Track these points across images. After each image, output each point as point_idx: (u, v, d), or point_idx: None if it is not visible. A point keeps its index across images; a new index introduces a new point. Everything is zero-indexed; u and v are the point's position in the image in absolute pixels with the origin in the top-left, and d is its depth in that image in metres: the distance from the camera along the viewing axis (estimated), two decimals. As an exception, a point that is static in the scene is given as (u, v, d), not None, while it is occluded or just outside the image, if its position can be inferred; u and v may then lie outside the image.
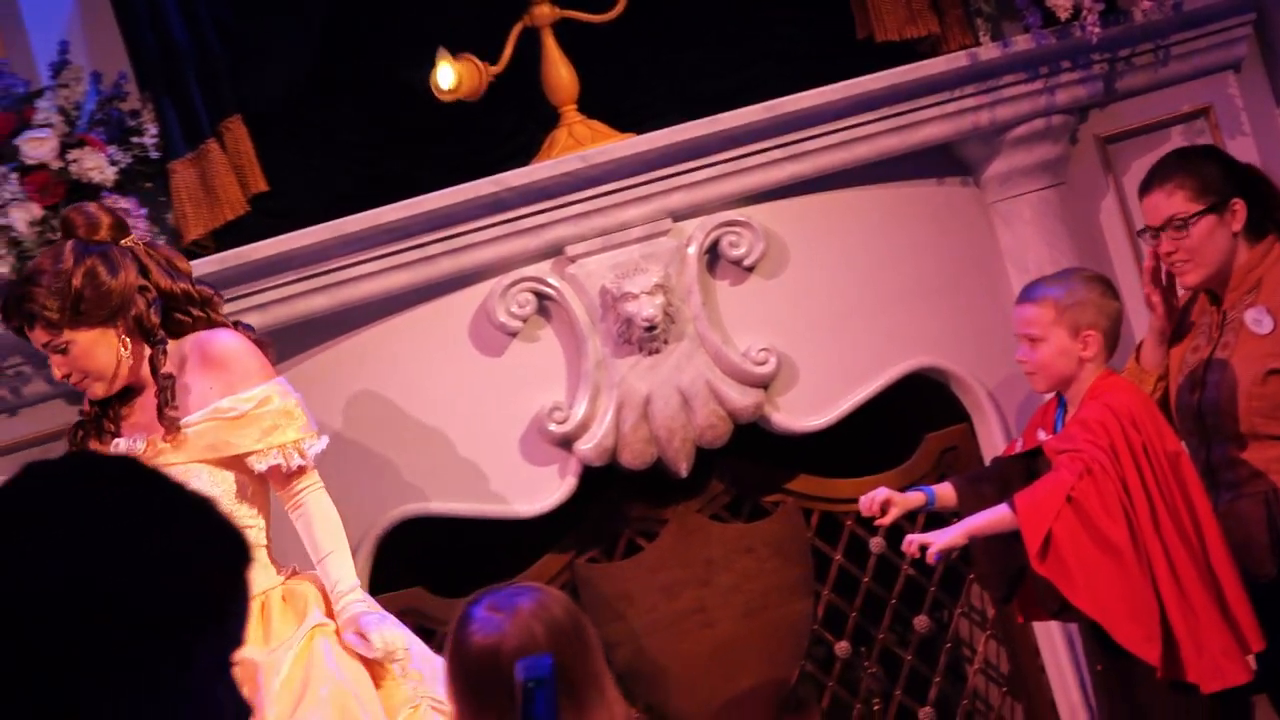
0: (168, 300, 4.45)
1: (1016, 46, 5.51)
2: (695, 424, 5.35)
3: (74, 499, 1.76)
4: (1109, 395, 4.46)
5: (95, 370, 4.41)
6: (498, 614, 3.18)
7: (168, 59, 5.22)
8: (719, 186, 5.41)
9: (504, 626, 3.15)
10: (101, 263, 4.37)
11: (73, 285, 4.32)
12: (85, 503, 1.76)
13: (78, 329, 4.36)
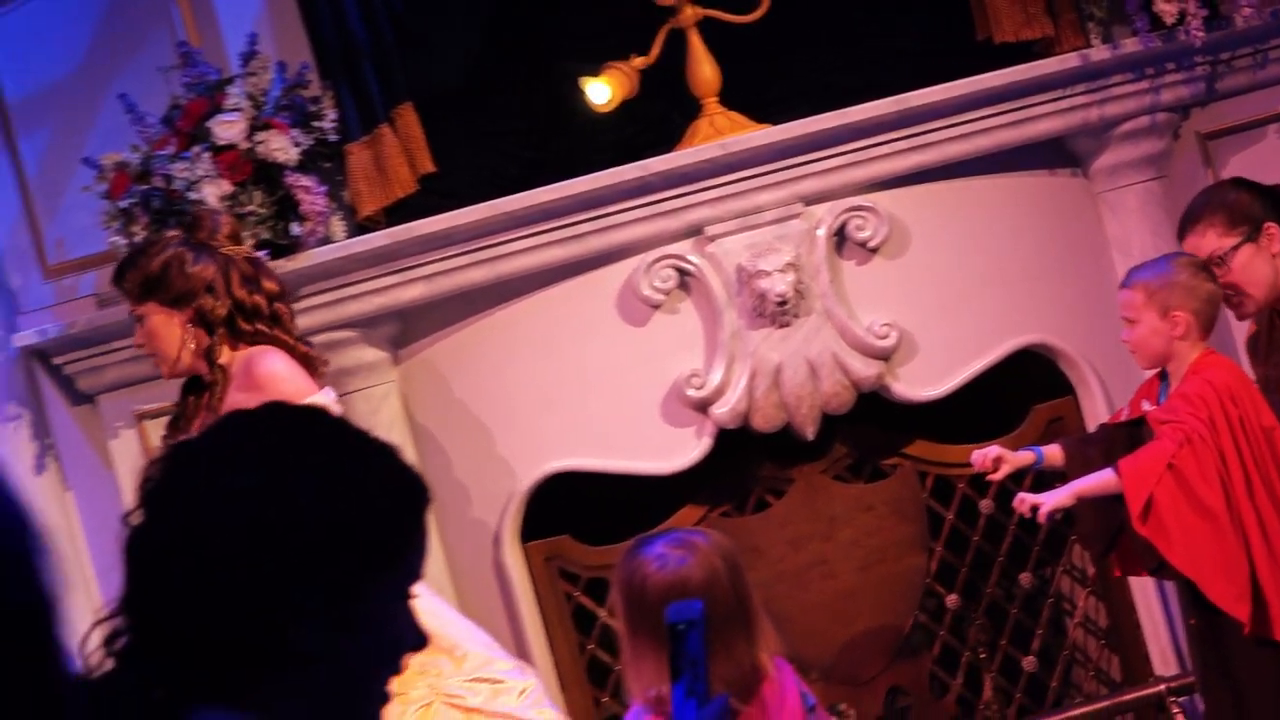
0: (237, 307, 4.53)
1: (1125, 49, 5.49)
2: (822, 392, 5.37)
3: (292, 438, 1.85)
4: (1209, 371, 4.50)
5: (159, 348, 4.57)
6: (679, 550, 3.33)
7: (346, 50, 5.29)
8: (847, 174, 5.42)
9: (687, 560, 3.30)
10: (187, 255, 4.55)
11: (152, 266, 4.53)
12: (301, 441, 1.84)
13: (147, 304, 4.54)
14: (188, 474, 1.81)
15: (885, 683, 5.69)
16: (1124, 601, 5.64)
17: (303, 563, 1.75)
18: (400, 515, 1.82)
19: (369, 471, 1.82)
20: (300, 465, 1.79)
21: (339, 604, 1.77)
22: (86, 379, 5.39)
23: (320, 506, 1.77)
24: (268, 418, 1.89)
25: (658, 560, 3.37)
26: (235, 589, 1.74)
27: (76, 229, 5.41)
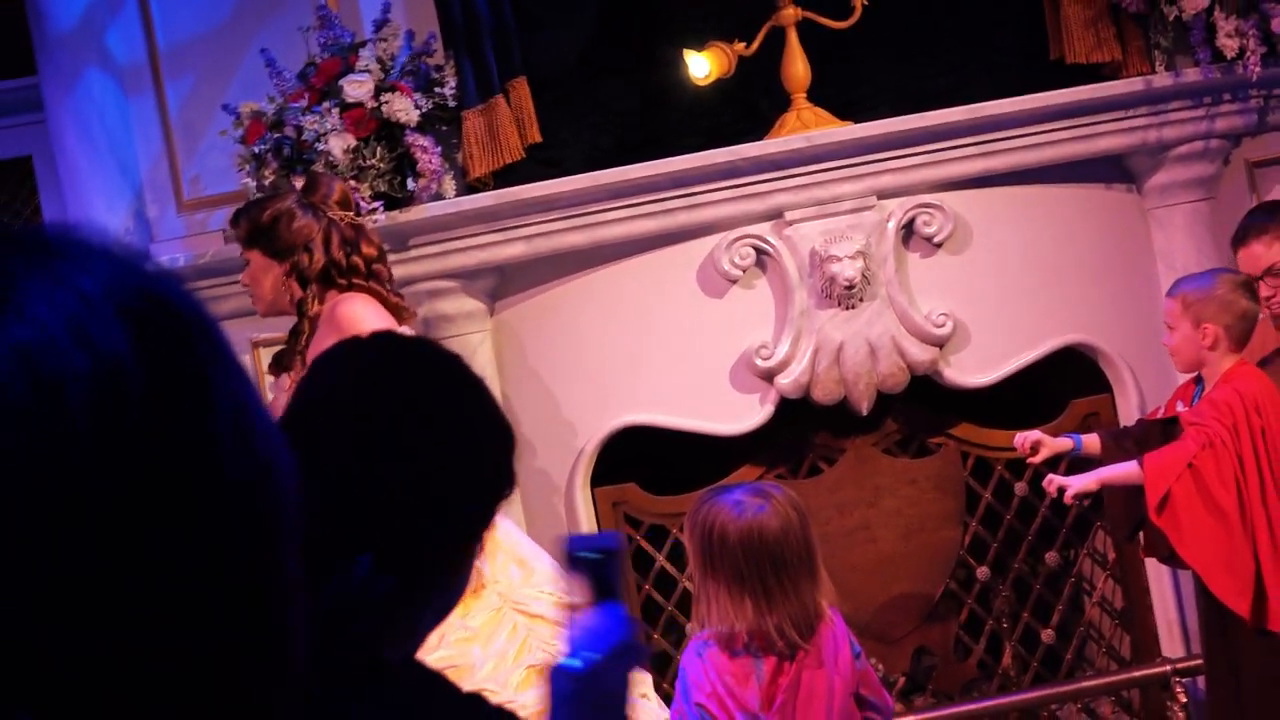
0: (332, 265, 4.59)
1: (1186, 77, 5.50)
2: (879, 371, 5.42)
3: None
4: (1240, 382, 4.57)
5: (256, 290, 4.69)
6: (757, 499, 3.44)
7: (469, 25, 5.36)
8: (920, 173, 5.45)
9: (765, 509, 3.42)
10: (296, 212, 4.62)
11: (262, 217, 4.63)
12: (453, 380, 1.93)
13: (253, 250, 4.66)
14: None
15: (913, 642, 5.74)
16: (1139, 586, 5.68)
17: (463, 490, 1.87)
18: (510, 453, 1.93)
19: (496, 411, 1.94)
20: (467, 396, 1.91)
21: (469, 528, 1.90)
22: (209, 306, 5.52)
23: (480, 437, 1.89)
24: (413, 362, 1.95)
25: (736, 507, 3.46)
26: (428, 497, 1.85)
27: (211, 169, 5.50)
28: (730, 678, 3.49)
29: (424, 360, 1.94)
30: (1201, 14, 5.44)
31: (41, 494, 0.83)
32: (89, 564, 0.84)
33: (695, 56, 5.43)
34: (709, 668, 3.50)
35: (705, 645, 3.52)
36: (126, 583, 0.85)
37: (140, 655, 0.86)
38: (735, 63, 5.46)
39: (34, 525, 0.83)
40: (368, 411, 1.86)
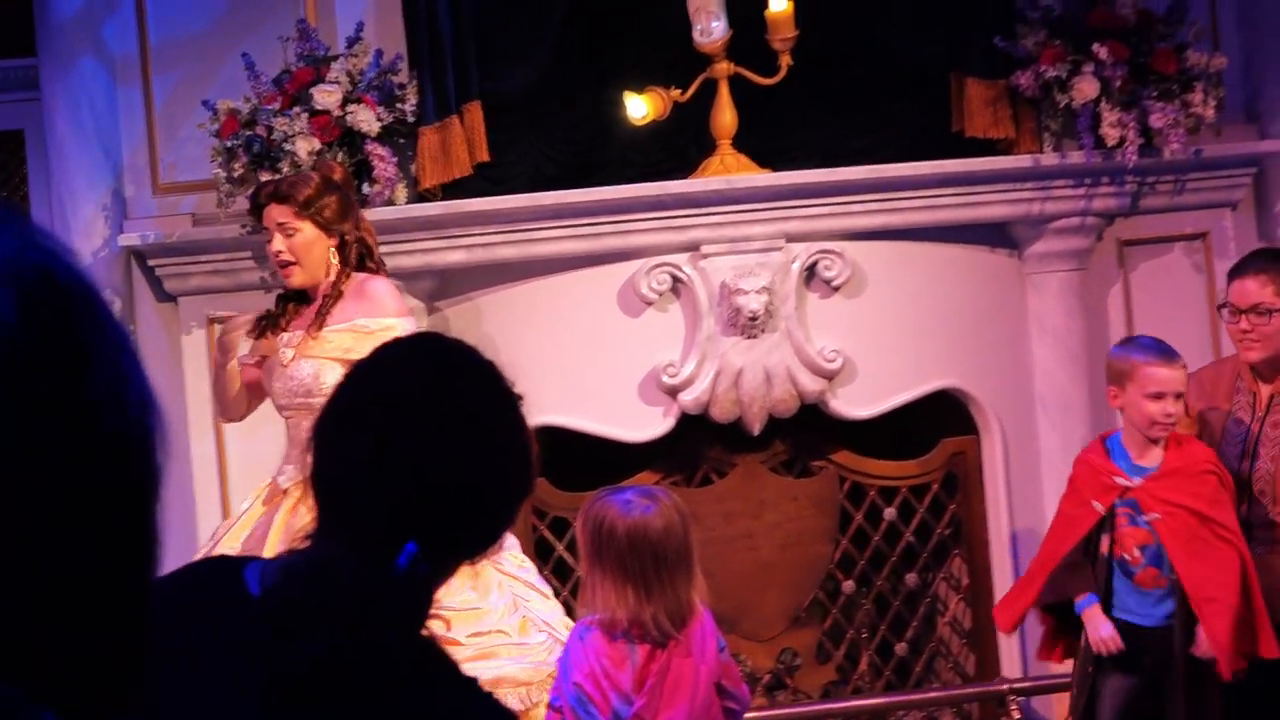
0: (365, 245, 4.64)
1: (1070, 159, 5.60)
2: (772, 396, 5.48)
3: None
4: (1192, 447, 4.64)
5: (304, 259, 4.55)
6: (645, 500, 3.53)
7: (434, 50, 5.41)
8: (826, 222, 5.51)
9: (651, 509, 3.51)
10: (342, 197, 4.64)
11: (330, 187, 4.60)
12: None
13: (306, 220, 4.55)
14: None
15: (781, 644, 5.81)
16: (987, 611, 5.67)
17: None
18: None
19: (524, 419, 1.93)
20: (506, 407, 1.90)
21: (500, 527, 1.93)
22: (172, 282, 5.51)
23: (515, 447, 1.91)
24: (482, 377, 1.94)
25: (626, 505, 3.54)
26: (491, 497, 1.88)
27: (187, 158, 5.53)
28: (607, 660, 3.57)
29: (482, 365, 1.91)
30: (1089, 103, 5.55)
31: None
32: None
33: (634, 99, 5.49)
34: (589, 650, 3.58)
35: (588, 630, 3.60)
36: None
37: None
38: (670, 107, 5.50)
39: None
40: (442, 411, 1.85)
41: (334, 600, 1.76)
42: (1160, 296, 5.96)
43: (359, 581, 1.78)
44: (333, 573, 1.79)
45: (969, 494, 5.85)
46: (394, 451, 1.82)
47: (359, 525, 1.82)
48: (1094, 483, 4.64)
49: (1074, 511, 4.68)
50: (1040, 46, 5.61)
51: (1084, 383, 5.79)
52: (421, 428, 1.83)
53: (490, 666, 4.21)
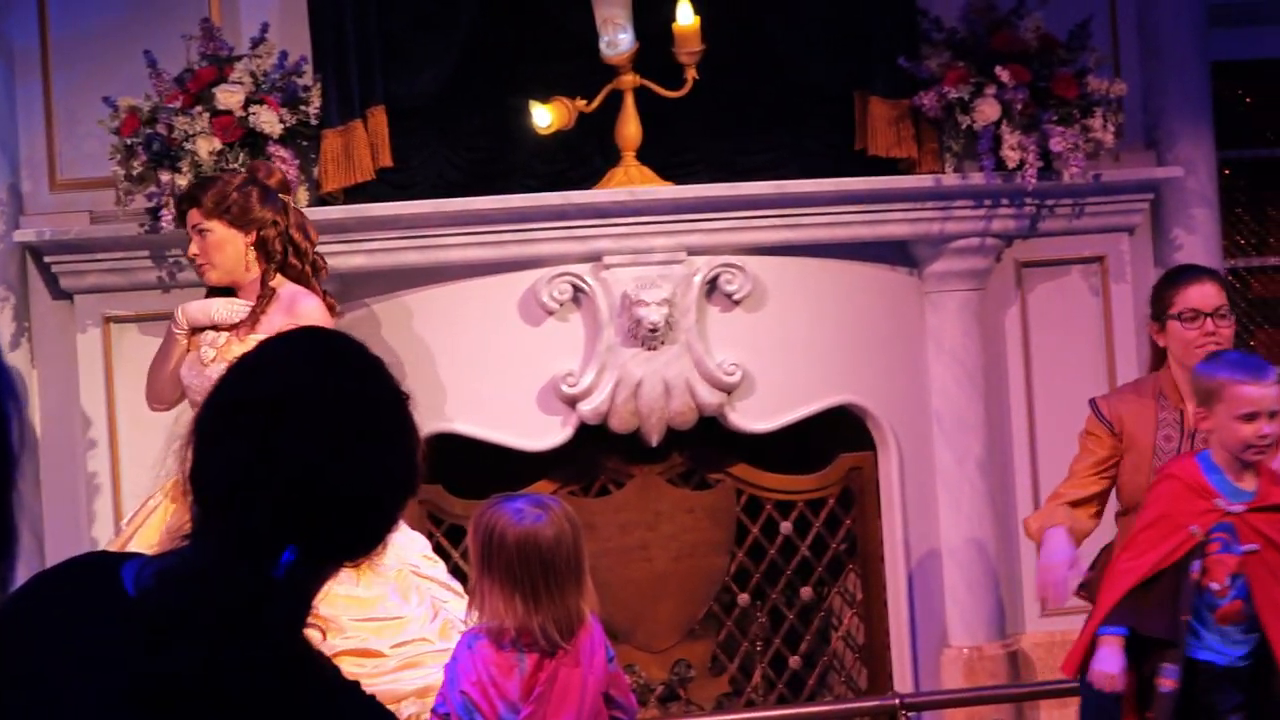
0: (292, 244, 4.62)
1: (971, 180, 5.58)
2: (671, 409, 5.43)
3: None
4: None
5: (218, 260, 4.59)
6: (536, 509, 3.44)
7: (339, 54, 5.34)
8: (728, 236, 5.46)
9: (542, 519, 3.43)
10: (259, 192, 4.62)
11: (229, 190, 4.61)
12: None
13: (214, 221, 4.57)
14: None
15: (675, 655, 5.76)
16: (881, 626, 5.76)
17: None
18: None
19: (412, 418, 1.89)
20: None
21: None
22: (68, 279, 5.41)
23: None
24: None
25: (517, 514, 3.46)
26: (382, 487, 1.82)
27: (86, 154, 5.43)
28: (495, 669, 3.49)
29: (368, 363, 1.87)
30: (991, 126, 5.54)
31: None
32: None
33: (540, 108, 5.43)
34: (477, 659, 3.49)
35: (476, 638, 3.52)
36: None
37: None
38: (575, 117, 5.46)
39: None
40: (327, 410, 1.78)
41: (208, 606, 1.69)
42: (1057, 318, 5.96)
43: (235, 587, 1.71)
44: (209, 577, 1.72)
45: (865, 509, 5.83)
46: (277, 452, 1.75)
47: (238, 527, 1.74)
48: (1190, 505, 4.14)
49: (1162, 532, 4.15)
50: (944, 68, 5.59)
51: (980, 401, 5.79)
52: (305, 427, 1.76)
53: (417, 676, 4.23)
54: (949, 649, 5.78)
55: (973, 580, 5.78)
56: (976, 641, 5.77)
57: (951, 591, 5.78)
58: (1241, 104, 6.51)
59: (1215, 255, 6.08)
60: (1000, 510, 5.86)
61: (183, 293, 5.34)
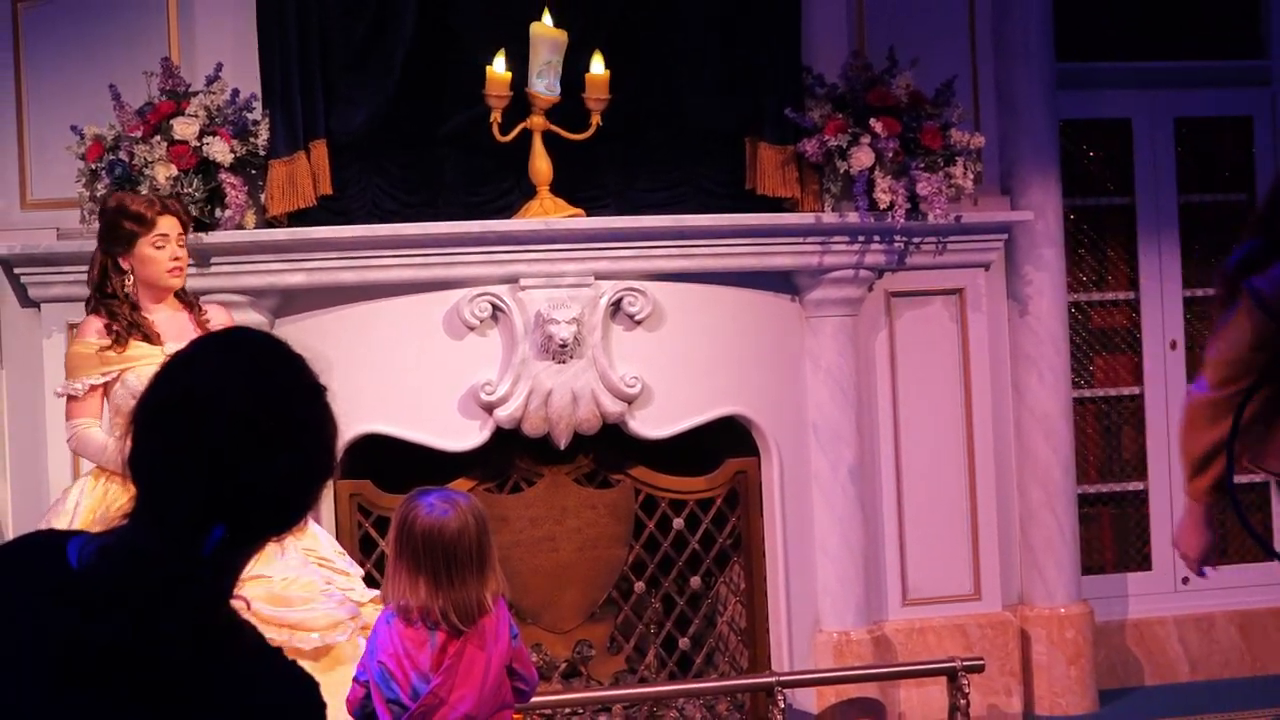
0: None
1: (847, 218, 5.63)
2: (578, 416, 5.47)
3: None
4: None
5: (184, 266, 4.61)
6: (445, 504, 3.48)
7: (285, 92, 5.35)
8: (631, 263, 5.51)
9: (449, 512, 3.47)
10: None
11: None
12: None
13: (185, 235, 4.61)
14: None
15: (577, 636, 5.76)
16: (761, 613, 5.79)
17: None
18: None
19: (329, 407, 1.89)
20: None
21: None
22: (36, 289, 5.37)
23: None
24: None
25: (428, 507, 3.50)
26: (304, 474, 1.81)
27: (54, 177, 5.41)
28: (409, 642, 3.53)
29: (291, 359, 1.86)
30: (865, 171, 5.61)
31: None
32: None
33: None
34: (393, 633, 3.54)
35: (392, 615, 3.56)
36: None
37: None
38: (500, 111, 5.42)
39: None
40: (253, 403, 1.76)
41: (141, 580, 1.69)
42: (921, 343, 6.02)
43: (165, 563, 1.71)
44: (143, 553, 1.72)
45: (749, 508, 5.85)
46: (203, 442, 1.74)
47: (171, 509, 1.74)
48: None
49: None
50: (825, 119, 5.66)
51: (852, 414, 5.85)
52: (233, 419, 1.75)
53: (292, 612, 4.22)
54: (821, 633, 5.83)
55: (842, 573, 5.84)
56: (845, 627, 5.82)
57: (824, 583, 5.84)
58: (1085, 158, 6.60)
59: (1060, 290, 6.19)
60: (868, 511, 5.93)
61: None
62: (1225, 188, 6.72)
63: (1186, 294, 6.61)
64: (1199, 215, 6.65)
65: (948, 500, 6.02)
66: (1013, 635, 6.08)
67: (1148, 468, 6.58)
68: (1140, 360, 6.58)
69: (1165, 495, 6.57)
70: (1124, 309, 6.60)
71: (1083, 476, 6.47)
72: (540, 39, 5.43)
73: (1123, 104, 6.55)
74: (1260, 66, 6.67)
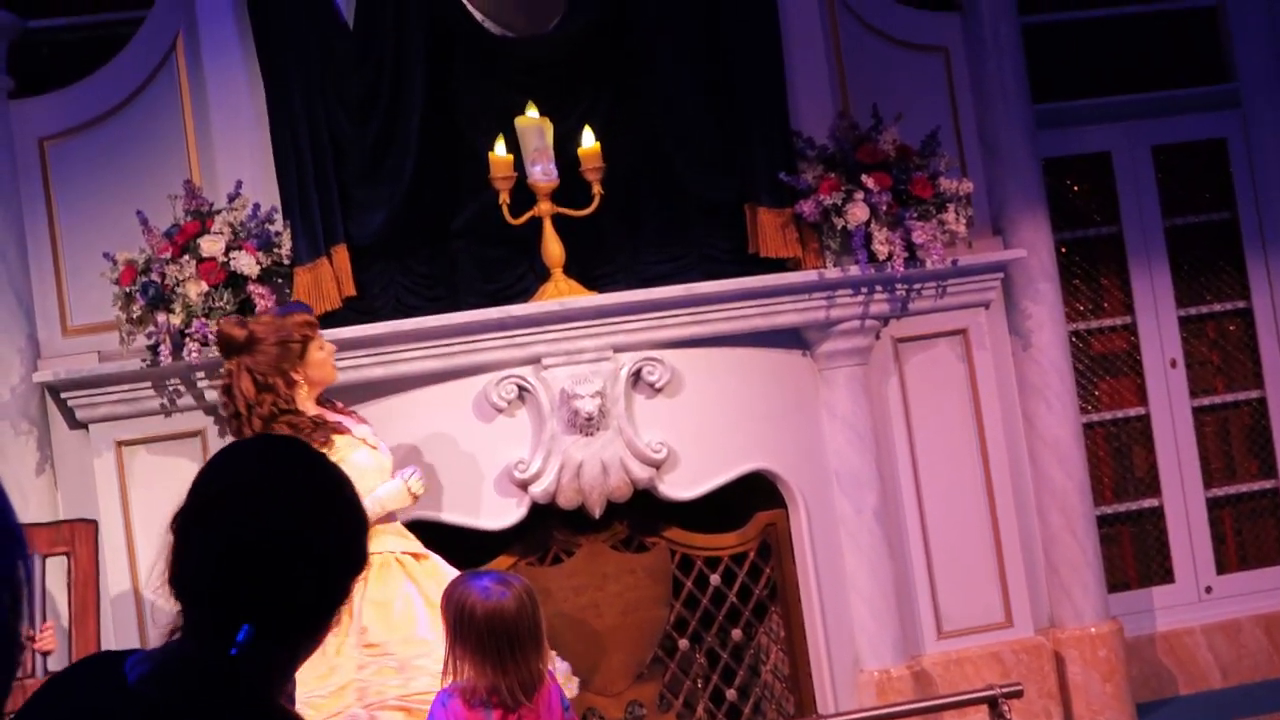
0: None
1: (849, 272, 5.65)
2: (609, 485, 5.47)
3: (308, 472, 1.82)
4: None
5: None
6: (500, 586, 3.51)
7: (304, 202, 5.39)
8: (647, 334, 5.53)
9: (506, 595, 3.50)
10: None
11: None
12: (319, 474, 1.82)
13: None
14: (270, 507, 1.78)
15: (628, 696, 5.73)
16: (804, 659, 5.78)
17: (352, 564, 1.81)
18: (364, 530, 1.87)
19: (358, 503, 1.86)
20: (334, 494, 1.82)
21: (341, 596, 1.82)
22: (83, 411, 5.41)
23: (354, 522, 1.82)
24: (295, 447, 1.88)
25: (484, 591, 3.52)
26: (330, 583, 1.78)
27: (90, 303, 5.47)
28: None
29: (310, 458, 1.83)
30: (862, 225, 5.65)
31: None
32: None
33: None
34: (450, 714, 3.55)
35: (449, 696, 3.57)
36: None
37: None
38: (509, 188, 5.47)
39: None
40: (271, 502, 1.75)
41: (182, 690, 1.69)
42: (930, 384, 6.03)
43: (199, 670, 1.70)
44: (181, 663, 1.71)
45: (781, 558, 5.85)
46: (228, 542, 1.73)
47: (198, 615, 1.75)
48: None
49: None
50: (818, 179, 5.71)
51: (871, 459, 5.85)
52: (251, 519, 1.74)
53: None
54: (862, 673, 5.82)
55: (877, 612, 5.83)
56: (884, 664, 5.81)
57: (860, 623, 5.83)
58: (1071, 192, 6.65)
59: (1059, 321, 6.22)
60: (896, 550, 5.93)
61: (183, 415, 5.41)
62: (1207, 208, 6.76)
63: (1181, 313, 6.64)
64: (1185, 237, 6.69)
65: (971, 532, 6.02)
66: (1047, 658, 6.06)
67: (1160, 483, 6.58)
68: (1143, 381, 6.59)
69: (1180, 508, 6.57)
70: (1122, 333, 6.62)
71: (1099, 498, 6.47)
72: (526, 130, 5.49)
73: (1101, 138, 6.60)
74: (1229, 90, 6.72)
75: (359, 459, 4.64)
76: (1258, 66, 6.68)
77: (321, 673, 4.39)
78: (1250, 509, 6.69)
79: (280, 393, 4.65)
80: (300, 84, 5.48)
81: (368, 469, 4.67)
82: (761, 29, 5.78)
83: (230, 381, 4.70)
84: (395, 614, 4.48)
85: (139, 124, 5.61)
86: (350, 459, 4.57)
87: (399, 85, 5.57)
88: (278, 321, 4.74)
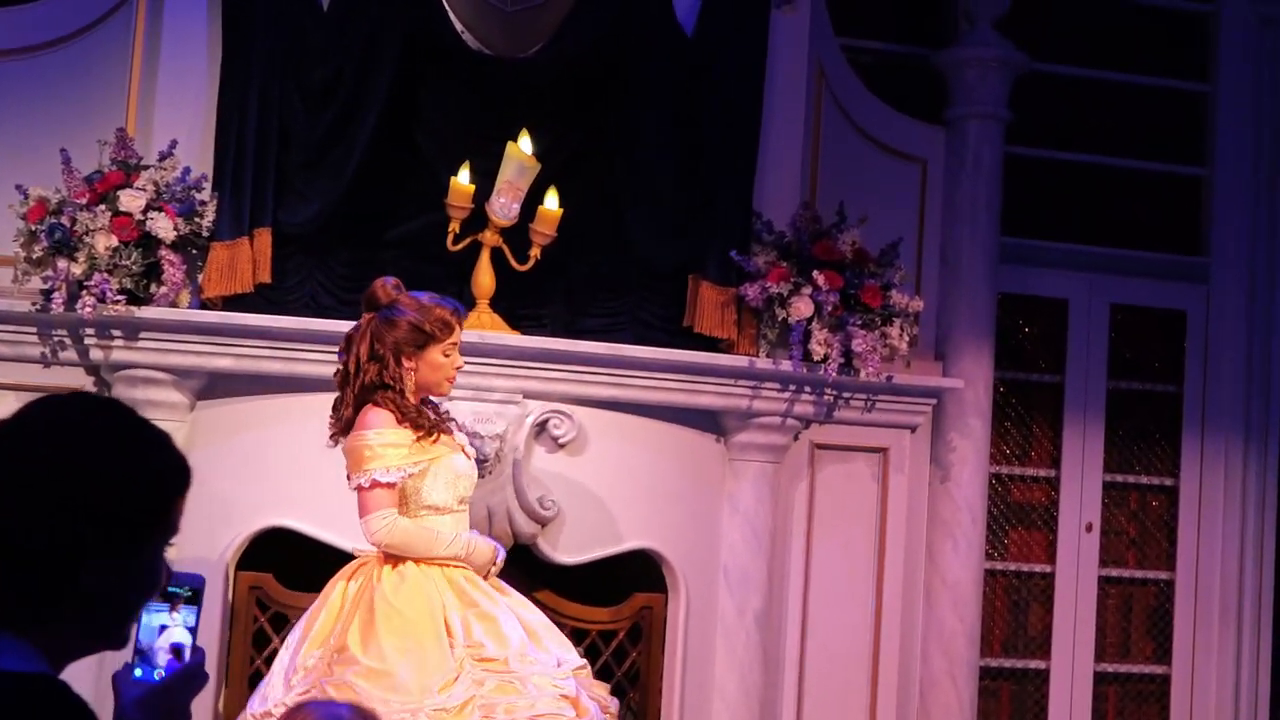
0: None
1: (780, 366, 5.50)
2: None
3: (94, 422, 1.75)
4: None
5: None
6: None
7: (237, 178, 5.18)
8: (561, 386, 5.34)
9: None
10: None
11: None
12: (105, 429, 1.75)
13: None
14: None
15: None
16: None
17: (95, 520, 1.69)
18: (172, 489, 1.77)
19: (150, 452, 1.77)
20: (99, 445, 1.72)
21: (120, 554, 1.71)
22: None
23: (114, 479, 1.71)
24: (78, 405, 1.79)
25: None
26: (43, 538, 1.68)
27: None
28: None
29: (101, 410, 1.79)
30: (803, 321, 5.49)
31: None
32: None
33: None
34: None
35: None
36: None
37: None
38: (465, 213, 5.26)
39: None
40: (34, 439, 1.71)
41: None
42: (840, 497, 5.88)
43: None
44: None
45: (650, 645, 5.62)
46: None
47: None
48: None
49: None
50: (769, 265, 5.53)
51: (764, 560, 5.65)
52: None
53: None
54: (709, 779, 5.56)
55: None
56: (734, 775, 5.56)
57: (718, 728, 5.57)
58: (1020, 332, 6.46)
59: (983, 460, 6.03)
60: (770, 660, 5.71)
61: (64, 369, 5.18)
62: (1154, 378, 6.57)
63: (1107, 478, 6.43)
64: (1126, 402, 6.50)
65: (851, 658, 5.82)
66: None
67: (1052, 646, 6.36)
68: (1055, 539, 6.39)
69: (1067, 675, 6.35)
70: (1044, 486, 6.43)
71: (987, 649, 6.26)
72: (511, 158, 5.25)
73: (1062, 284, 6.42)
74: (1200, 263, 6.56)
75: (458, 463, 4.39)
76: (1232, 246, 6.52)
77: (444, 682, 4.13)
78: (1137, 691, 6.47)
79: (389, 368, 4.36)
80: (262, 60, 5.26)
81: (462, 475, 4.41)
82: (744, 101, 5.60)
83: (355, 335, 4.42)
84: (504, 628, 4.25)
85: (83, 61, 5.35)
86: (449, 460, 4.34)
87: (363, 81, 5.34)
88: (424, 305, 4.43)
